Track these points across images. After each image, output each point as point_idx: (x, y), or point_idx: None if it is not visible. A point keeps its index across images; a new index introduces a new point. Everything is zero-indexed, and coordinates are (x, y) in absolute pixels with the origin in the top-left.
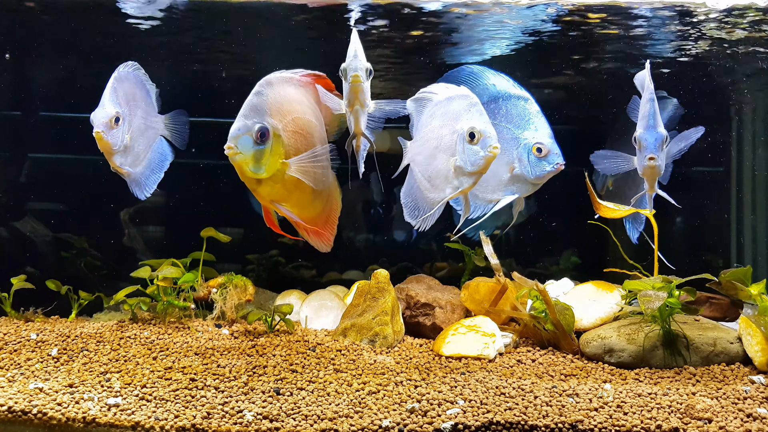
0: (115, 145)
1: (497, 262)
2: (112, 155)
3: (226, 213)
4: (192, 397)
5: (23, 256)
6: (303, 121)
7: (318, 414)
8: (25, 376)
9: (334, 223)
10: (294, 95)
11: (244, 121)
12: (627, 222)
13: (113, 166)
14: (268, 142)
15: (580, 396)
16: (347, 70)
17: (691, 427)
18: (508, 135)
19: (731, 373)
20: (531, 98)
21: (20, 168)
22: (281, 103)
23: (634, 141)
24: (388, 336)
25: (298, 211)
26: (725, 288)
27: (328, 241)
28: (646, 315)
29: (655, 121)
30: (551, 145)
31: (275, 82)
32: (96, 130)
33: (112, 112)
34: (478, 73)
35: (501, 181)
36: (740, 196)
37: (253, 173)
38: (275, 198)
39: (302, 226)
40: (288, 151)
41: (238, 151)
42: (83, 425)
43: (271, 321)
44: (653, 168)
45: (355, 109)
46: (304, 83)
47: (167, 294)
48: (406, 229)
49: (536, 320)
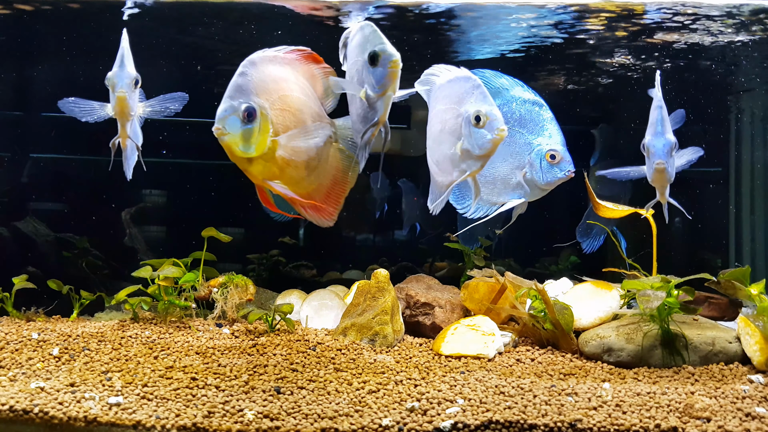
0: (132, 110)
1: (491, 270)
2: (128, 121)
3: (226, 213)
4: (193, 396)
5: (25, 256)
6: (290, 98)
7: (318, 413)
8: (26, 375)
9: (338, 197)
10: (279, 73)
11: (230, 101)
12: (583, 235)
13: (122, 136)
14: (256, 121)
15: (579, 395)
16: (382, 55)
17: (689, 426)
18: (521, 140)
19: (730, 373)
20: (545, 104)
21: (22, 168)
22: (266, 82)
23: (642, 148)
24: (388, 335)
25: (292, 188)
26: (724, 287)
27: (330, 215)
28: (644, 314)
29: (663, 127)
30: (564, 153)
31: (258, 62)
32: (120, 89)
33: (134, 73)
34: (490, 77)
35: (509, 185)
36: (739, 196)
37: (242, 153)
38: (267, 176)
39: (297, 201)
40: (277, 129)
41: (226, 132)
42: (85, 424)
43: (271, 320)
44: (662, 174)
45: (388, 95)
46: (289, 60)
47: (168, 293)
48: (409, 228)
49: (535, 319)
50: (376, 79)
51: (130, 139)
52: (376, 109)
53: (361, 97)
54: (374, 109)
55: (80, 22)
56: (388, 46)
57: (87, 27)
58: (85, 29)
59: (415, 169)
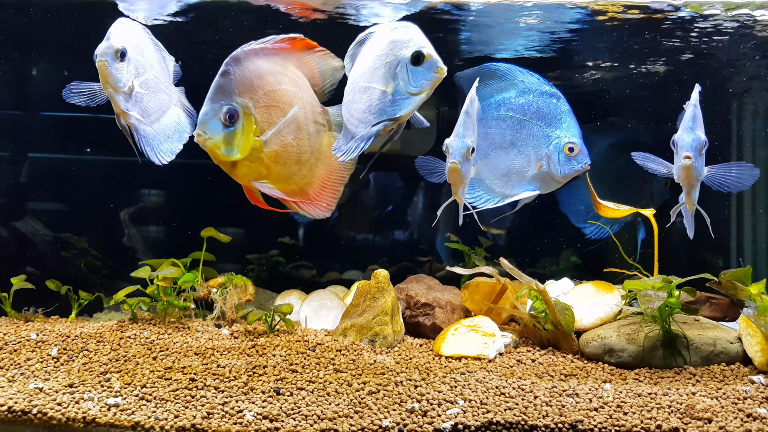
0: (119, 81)
1: (516, 271)
2: (116, 94)
3: (226, 213)
4: (192, 397)
5: (23, 256)
6: (278, 92)
7: (318, 414)
8: (25, 376)
9: (334, 186)
10: (265, 67)
11: (211, 104)
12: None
13: (117, 111)
14: (238, 122)
15: (580, 396)
16: (429, 58)
17: (691, 427)
18: (539, 132)
19: (731, 373)
20: (562, 96)
21: (20, 168)
22: (250, 79)
23: (672, 144)
24: (388, 336)
25: (282, 186)
26: (725, 288)
27: (327, 206)
28: (646, 315)
29: (695, 124)
30: (581, 145)
31: (242, 58)
32: (100, 59)
33: (117, 45)
34: (506, 70)
35: (524, 177)
36: (740, 196)
37: (226, 156)
38: (254, 177)
39: (286, 202)
40: (263, 128)
41: (207, 137)
42: (83, 425)
43: (271, 321)
44: (689, 169)
45: (421, 97)
46: (277, 50)
47: (167, 294)
48: (410, 228)
49: (536, 320)
50: (414, 78)
51: (134, 116)
52: (399, 105)
53: (387, 91)
54: (397, 105)
55: (80, 20)
56: (434, 51)
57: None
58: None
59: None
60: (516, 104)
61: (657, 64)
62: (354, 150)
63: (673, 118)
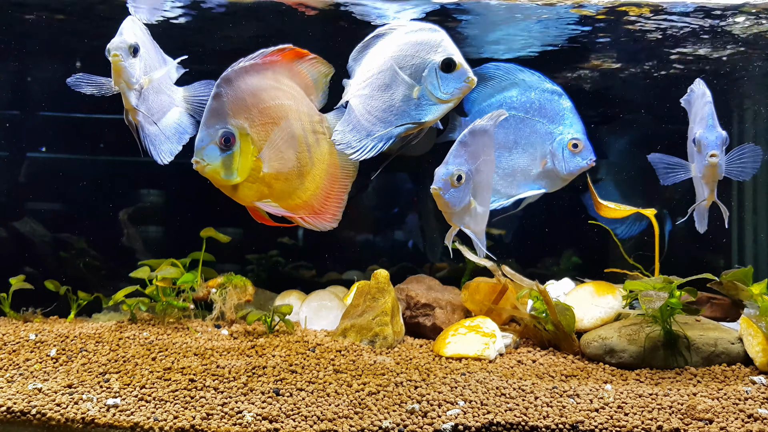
0: (132, 76)
1: (492, 264)
2: (129, 89)
3: (225, 213)
4: (191, 398)
5: (22, 257)
6: (273, 108)
7: (318, 415)
8: (23, 376)
9: (339, 195)
10: (257, 84)
11: (206, 129)
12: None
13: (128, 107)
14: (235, 145)
15: (580, 397)
16: (460, 67)
17: (692, 427)
18: (542, 129)
19: (732, 374)
20: (564, 93)
21: (19, 168)
22: (243, 99)
23: (693, 143)
24: (388, 336)
25: (286, 202)
26: (726, 288)
27: (332, 217)
28: (647, 315)
29: (714, 121)
30: (585, 141)
31: (233, 77)
32: (113, 53)
33: (131, 40)
34: (507, 68)
35: (529, 176)
36: (741, 196)
37: (226, 180)
38: (257, 197)
39: (291, 218)
40: (261, 147)
41: (206, 163)
42: (82, 426)
43: (270, 321)
44: (714, 167)
45: (449, 105)
46: (268, 64)
47: (166, 294)
48: (412, 229)
49: (537, 320)
50: (444, 85)
51: (142, 113)
52: (426, 110)
53: (413, 94)
54: (423, 110)
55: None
56: (464, 59)
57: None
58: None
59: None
60: (518, 102)
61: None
62: (370, 149)
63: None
